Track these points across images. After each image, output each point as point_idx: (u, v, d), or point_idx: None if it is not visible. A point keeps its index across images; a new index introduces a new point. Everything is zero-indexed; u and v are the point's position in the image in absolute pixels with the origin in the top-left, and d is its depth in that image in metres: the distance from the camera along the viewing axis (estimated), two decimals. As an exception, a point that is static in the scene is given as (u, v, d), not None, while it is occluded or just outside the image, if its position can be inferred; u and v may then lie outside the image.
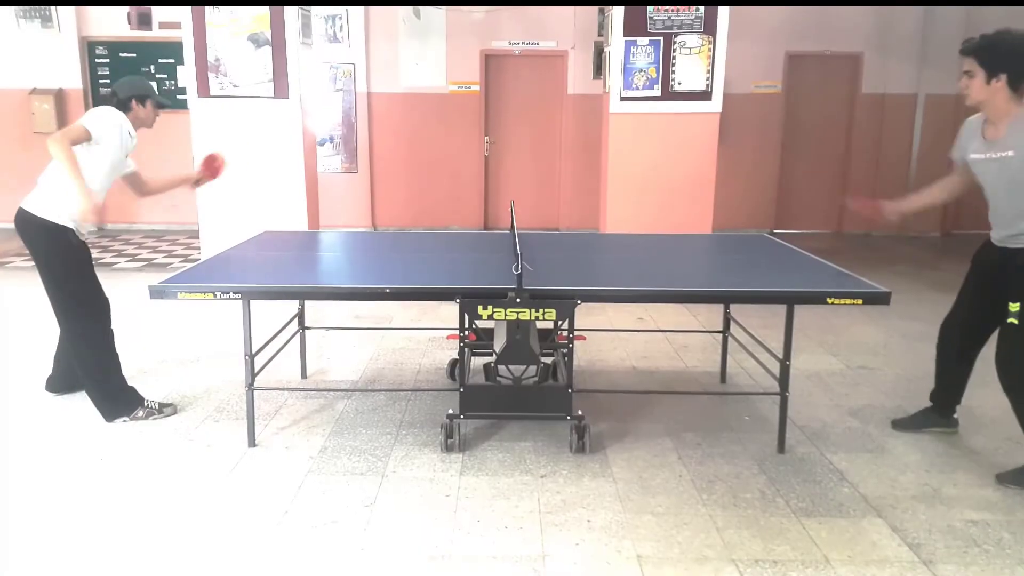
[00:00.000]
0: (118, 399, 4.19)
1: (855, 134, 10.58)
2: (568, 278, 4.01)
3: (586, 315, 5.12)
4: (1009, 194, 3.39)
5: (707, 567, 2.89)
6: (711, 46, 7.11)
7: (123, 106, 4.18)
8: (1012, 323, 3.35)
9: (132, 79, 4.39)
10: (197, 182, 4.74)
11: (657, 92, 7.21)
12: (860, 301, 3.60)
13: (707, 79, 7.17)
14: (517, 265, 3.47)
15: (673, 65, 7.14)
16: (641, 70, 7.15)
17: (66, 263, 4.11)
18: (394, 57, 10.36)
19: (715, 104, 7.26)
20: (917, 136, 10.42)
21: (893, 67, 10.30)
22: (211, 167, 4.73)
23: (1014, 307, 3.33)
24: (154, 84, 10.35)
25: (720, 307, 5.03)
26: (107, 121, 4.03)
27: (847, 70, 10.50)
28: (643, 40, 7.10)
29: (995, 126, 3.40)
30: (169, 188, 4.81)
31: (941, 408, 4.07)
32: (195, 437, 4.00)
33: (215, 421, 4.21)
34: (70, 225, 4.06)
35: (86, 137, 3.94)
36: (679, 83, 7.18)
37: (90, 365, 4.17)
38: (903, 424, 4.14)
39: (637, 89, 7.20)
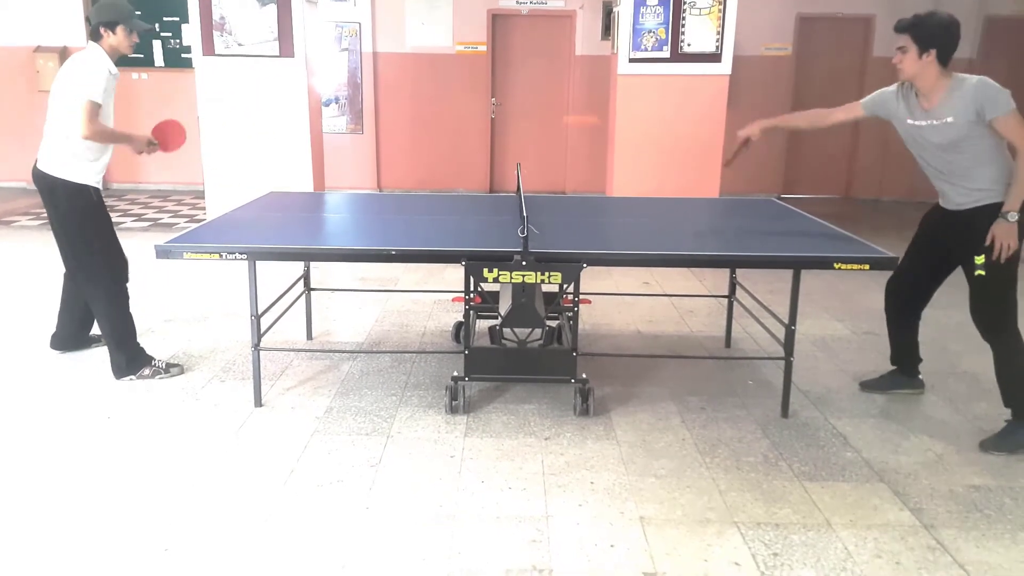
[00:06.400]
0: (132, 358, 4.22)
1: (866, 98, 10.45)
2: (574, 241, 4.00)
3: (592, 279, 5.11)
4: (953, 155, 3.54)
5: (709, 529, 2.91)
6: (721, 7, 7.01)
7: (95, 36, 3.99)
8: (980, 275, 3.51)
9: (103, 3, 4.00)
10: (147, 147, 4.26)
11: (666, 54, 7.13)
12: (867, 266, 3.58)
13: (717, 41, 7.08)
14: (523, 228, 3.45)
15: (683, 26, 7.04)
16: (650, 31, 7.06)
17: (87, 221, 4.11)
18: (400, 16, 10.24)
19: (725, 66, 7.17)
20: (928, 100, 10.30)
21: (906, 30, 10.13)
22: (170, 136, 4.31)
23: (979, 260, 3.49)
24: (158, 46, 10.27)
25: (726, 272, 5.02)
26: (99, 78, 3.88)
27: (858, 32, 10.35)
28: (652, 0, 7.00)
29: (927, 97, 3.56)
30: (117, 141, 4.14)
31: (905, 369, 4.17)
32: (202, 396, 4.03)
33: (221, 381, 4.23)
34: (90, 183, 4.06)
35: (99, 110, 3.89)
36: (688, 44, 7.09)
37: (112, 322, 4.17)
38: (871, 385, 4.24)
39: (646, 50, 7.12)
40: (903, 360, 4.16)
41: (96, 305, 4.20)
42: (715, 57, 7.13)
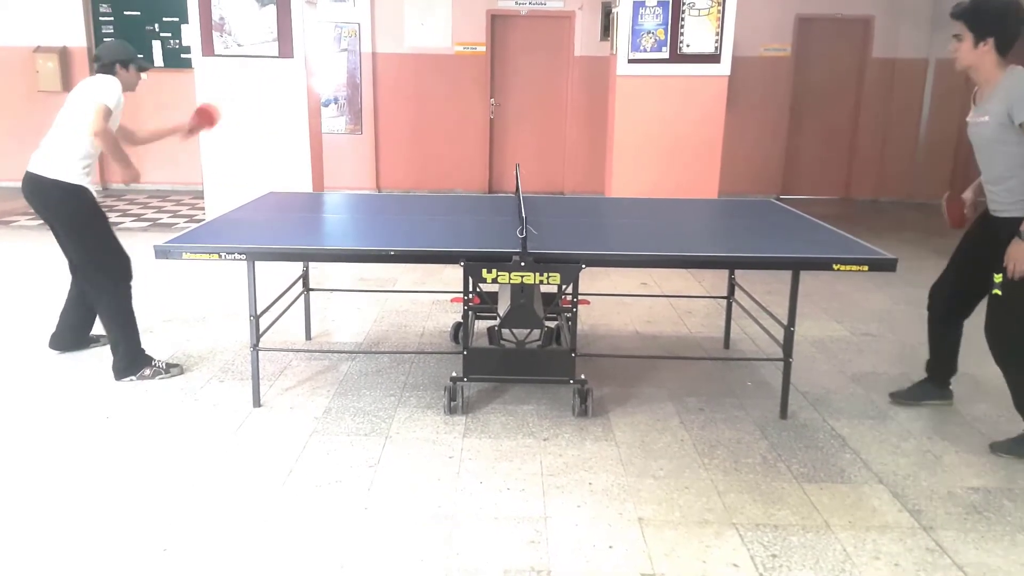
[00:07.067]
0: (133, 359, 4.22)
1: (864, 99, 10.47)
2: (573, 242, 3.99)
3: (590, 279, 5.11)
4: (986, 157, 3.42)
5: (708, 530, 2.91)
6: (720, 7, 7.01)
7: (107, 70, 4.17)
8: (996, 294, 3.37)
9: (113, 43, 4.37)
10: (191, 131, 4.67)
11: (665, 54, 7.13)
12: (866, 267, 3.57)
13: (716, 41, 7.09)
14: (522, 229, 3.45)
15: (682, 27, 7.05)
16: (649, 32, 7.07)
17: (88, 222, 4.15)
18: (399, 17, 10.24)
19: (724, 67, 7.18)
20: (927, 101, 10.31)
21: (904, 31, 10.16)
22: (205, 116, 4.67)
23: (998, 278, 3.34)
24: (157, 47, 10.30)
25: (725, 273, 5.02)
26: (116, 93, 4.05)
27: (857, 33, 10.36)
28: (651, 1, 7.00)
29: (982, 90, 3.45)
30: (159, 138, 4.73)
31: (937, 379, 4.02)
32: (201, 397, 4.03)
33: (220, 381, 4.23)
34: (84, 184, 4.09)
35: (110, 115, 4.00)
36: (687, 45, 7.09)
37: (116, 322, 4.18)
38: (901, 396, 4.08)
39: (645, 51, 7.12)
40: (938, 369, 3.99)
41: (100, 305, 4.21)
42: (714, 58, 7.13)
